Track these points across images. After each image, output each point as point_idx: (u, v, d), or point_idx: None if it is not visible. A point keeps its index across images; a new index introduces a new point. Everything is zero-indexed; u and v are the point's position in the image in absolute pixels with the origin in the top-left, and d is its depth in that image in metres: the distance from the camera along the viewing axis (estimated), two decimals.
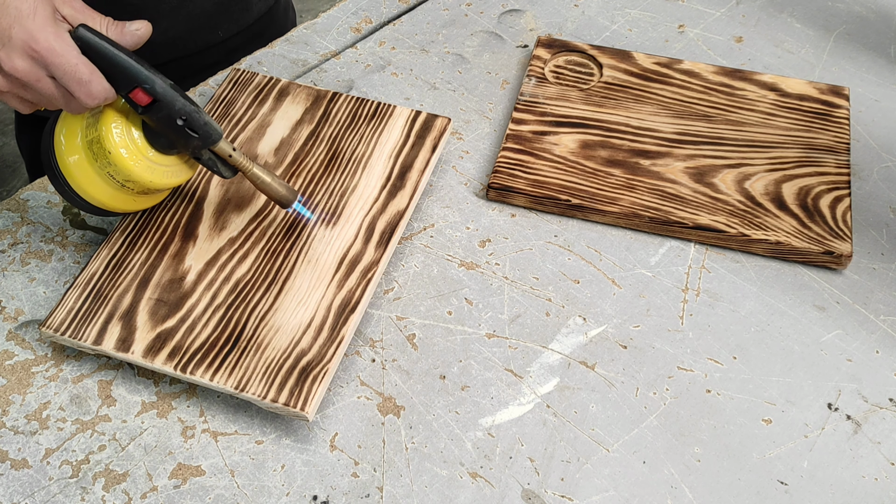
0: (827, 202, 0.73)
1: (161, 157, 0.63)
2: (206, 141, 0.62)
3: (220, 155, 0.64)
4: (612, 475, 0.61)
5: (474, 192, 0.77)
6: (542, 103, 0.81)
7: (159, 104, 0.60)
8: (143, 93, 0.60)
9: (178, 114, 0.61)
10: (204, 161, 0.64)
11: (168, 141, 0.63)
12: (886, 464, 0.61)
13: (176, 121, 0.61)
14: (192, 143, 0.62)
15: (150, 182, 0.63)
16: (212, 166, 0.65)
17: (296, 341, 0.63)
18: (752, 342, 0.68)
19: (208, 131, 0.62)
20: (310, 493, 0.59)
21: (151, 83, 0.59)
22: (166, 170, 0.64)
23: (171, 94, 0.60)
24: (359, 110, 0.78)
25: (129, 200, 0.65)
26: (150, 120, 0.61)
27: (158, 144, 0.63)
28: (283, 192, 0.66)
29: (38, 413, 0.63)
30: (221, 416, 0.63)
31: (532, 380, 0.65)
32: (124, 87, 0.60)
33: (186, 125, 0.61)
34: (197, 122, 0.61)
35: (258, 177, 0.65)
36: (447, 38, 0.90)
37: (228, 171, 0.65)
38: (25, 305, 0.68)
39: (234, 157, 0.64)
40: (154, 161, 0.63)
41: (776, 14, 0.93)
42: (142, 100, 0.60)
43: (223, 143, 0.63)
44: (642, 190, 0.74)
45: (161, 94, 0.60)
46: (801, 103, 0.81)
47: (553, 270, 0.71)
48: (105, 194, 0.64)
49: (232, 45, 0.93)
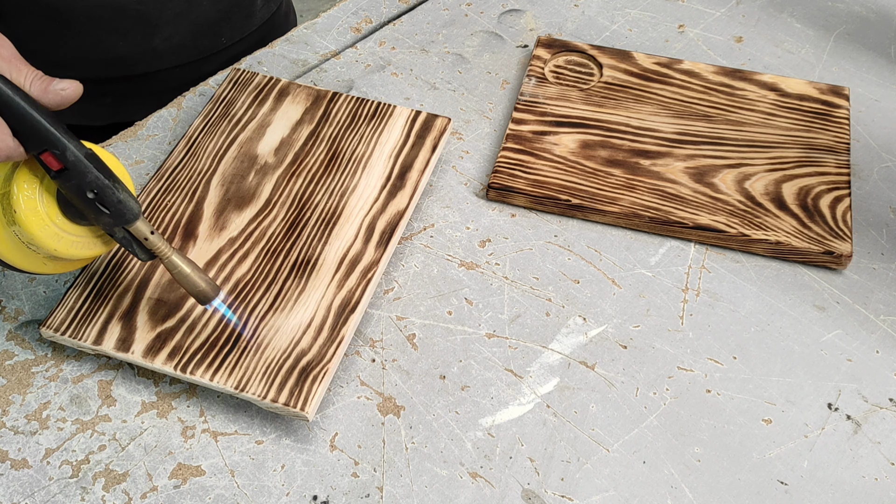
0: (827, 202, 0.73)
1: (71, 227, 0.59)
2: (119, 220, 0.58)
3: (135, 236, 0.59)
4: (612, 475, 0.61)
5: (474, 192, 0.77)
6: (542, 103, 0.81)
7: (69, 172, 0.56)
8: (53, 158, 0.55)
9: (89, 186, 0.56)
10: (118, 239, 0.59)
11: (79, 211, 0.58)
12: (886, 464, 0.61)
13: (86, 193, 0.56)
14: (104, 219, 0.57)
15: (55, 250, 0.58)
16: (127, 245, 0.60)
17: (296, 341, 0.63)
18: (752, 342, 0.68)
19: (122, 210, 0.57)
20: (310, 493, 0.59)
21: (62, 149, 0.55)
22: (75, 240, 0.59)
23: (84, 164, 0.56)
24: (359, 110, 0.78)
25: (37, 263, 0.60)
26: (62, 187, 0.57)
27: (70, 213, 0.58)
28: (203, 286, 0.60)
29: (38, 413, 0.63)
30: (221, 416, 0.63)
31: (532, 380, 0.65)
32: (34, 147, 0.55)
33: (97, 199, 0.56)
34: (109, 199, 0.57)
35: (175, 265, 0.60)
36: (447, 38, 0.90)
37: (144, 254, 0.60)
38: (25, 305, 0.68)
39: (150, 240, 0.59)
40: (62, 229, 0.58)
41: (776, 14, 0.93)
42: (52, 164, 0.56)
43: (140, 224, 0.58)
44: (642, 190, 0.74)
45: (72, 163, 0.55)
46: (801, 103, 0.81)
47: (553, 270, 0.71)
48: (11, 252, 0.59)
49: (235, 51, 0.93)
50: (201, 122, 0.77)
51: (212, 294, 0.61)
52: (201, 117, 0.77)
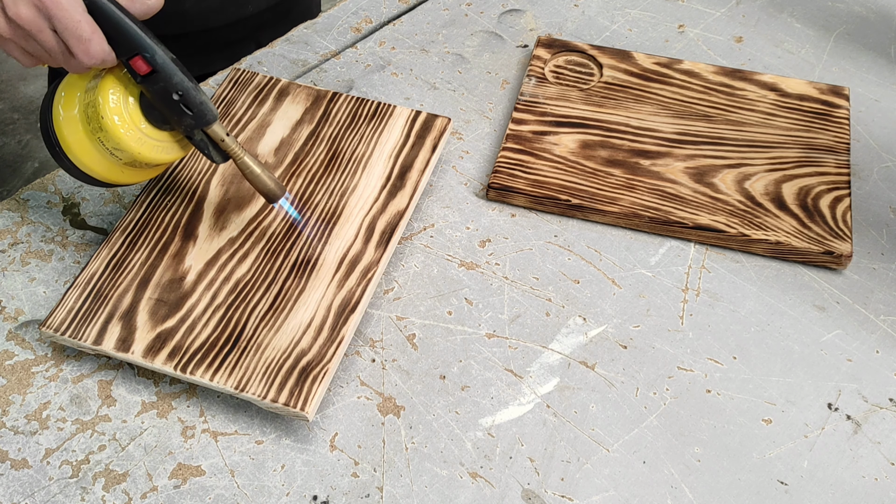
0: (827, 202, 0.73)
1: (154, 131, 0.63)
2: (200, 121, 0.61)
3: (212, 138, 0.63)
4: (612, 475, 0.61)
5: (474, 192, 0.77)
6: (542, 103, 0.81)
7: (157, 75, 0.59)
8: (143, 61, 0.59)
9: (175, 88, 0.60)
10: (196, 142, 0.63)
11: (162, 115, 0.62)
12: (886, 464, 0.61)
13: (172, 95, 0.60)
14: (186, 121, 0.61)
15: (139, 154, 0.62)
16: (203, 148, 0.63)
17: (296, 341, 0.63)
18: (752, 342, 0.68)
19: (203, 111, 0.61)
20: (310, 493, 0.59)
21: (152, 52, 0.59)
22: (157, 144, 0.63)
23: (171, 66, 0.59)
24: (359, 110, 0.78)
25: (116, 171, 0.64)
26: (147, 91, 0.61)
27: (153, 118, 0.62)
28: (272, 185, 0.65)
29: (38, 413, 0.63)
30: (221, 416, 0.63)
31: (532, 380, 0.65)
32: (125, 52, 0.59)
33: (182, 101, 0.60)
34: (193, 100, 0.60)
35: (248, 166, 0.64)
36: (447, 38, 0.90)
37: (219, 156, 0.64)
38: (25, 305, 0.68)
39: (226, 142, 0.63)
40: (146, 134, 0.62)
41: (776, 14, 0.93)
42: (141, 68, 0.59)
43: (217, 127, 0.62)
44: (642, 190, 0.74)
45: (160, 65, 0.59)
46: (801, 103, 0.81)
47: (553, 270, 0.71)
48: (93, 160, 0.63)
49: (260, 20, 0.95)
50: None
51: (279, 193, 0.66)
52: None
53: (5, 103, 1.97)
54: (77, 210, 0.74)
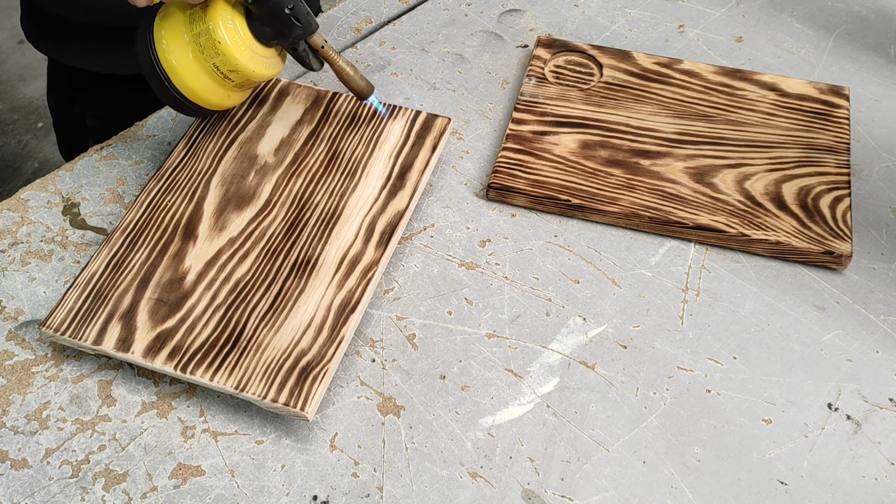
0: (827, 202, 0.73)
1: (262, 49, 0.68)
2: (307, 30, 0.67)
3: (313, 46, 0.69)
4: (612, 475, 0.61)
5: (474, 192, 0.77)
6: (542, 103, 0.81)
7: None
8: None
9: (287, 2, 0.65)
10: (298, 54, 0.70)
11: (271, 31, 0.67)
12: (886, 464, 0.61)
13: (284, 9, 0.66)
14: (295, 33, 0.67)
15: (253, 72, 0.68)
16: (304, 58, 0.70)
17: (296, 341, 0.63)
18: (752, 342, 0.68)
19: (310, 21, 0.67)
20: (310, 493, 0.59)
21: None
22: (265, 61, 0.68)
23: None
24: (359, 110, 0.78)
25: (224, 95, 0.70)
26: (258, 9, 0.66)
27: (262, 35, 0.67)
28: (363, 84, 0.72)
29: (38, 413, 0.63)
30: (221, 416, 0.63)
31: (532, 380, 0.65)
32: None
33: (293, 13, 0.66)
34: (301, 10, 0.66)
35: (343, 69, 0.71)
36: (447, 38, 0.90)
37: (318, 62, 0.71)
38: (25, 305, 0.68)
39: (325, 48, 0.70)
40: (256, 52, 0.68)
41: (776, 14, 0.93)
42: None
43: (317, 35, 0.69)
44: (642, 190, 0.74)
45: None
46: (801, 103, 0.81)
47: (553, 270, 0.71)
48: (204, 87, 0.68)
49: None
50: (201, 122, 0.77)
51: (368, 92, 0.73)
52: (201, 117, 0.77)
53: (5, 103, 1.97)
54: (77, 210, 0.74)
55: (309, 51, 0.70)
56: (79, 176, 0.77)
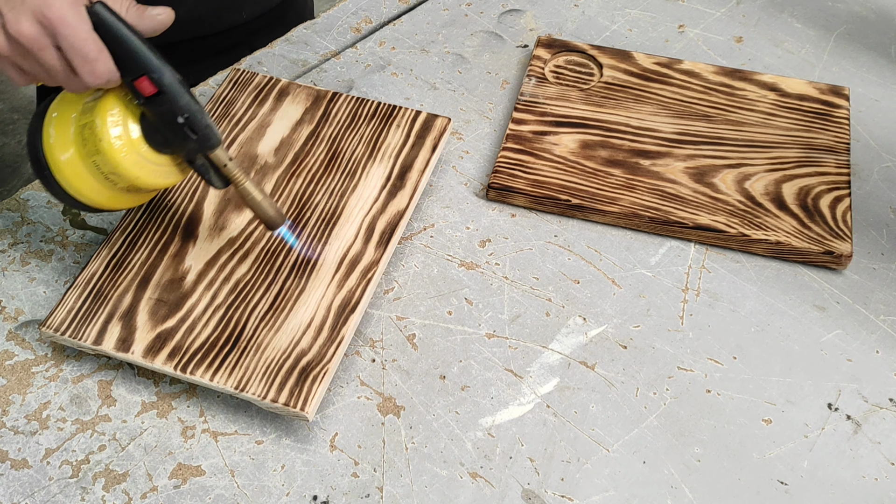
0: (827, 202, 0.73)
1: (153, 155, 0.60)
2: (204, 145, 0.59)
3: (214, 163, 0.61)
4: (612, 475, 0.61)
5: (474, 192, 0.77)
6: (542, 103, 0.81)
7: (163, 97, 0.57)
8: (150, 82, 0.57)
9: (182, 110, 0.57)
10: (197, 166, 0.61)
11: (164, 138, 0.59)
12: (886, 464, 0.61)
13: (177, 118, 0.58)
14: (189, 145, 0.59)
15: (137, 178, 0.60)
16: (204, 173, 0.61)
17: (296, 341, 0.63)
18: (752, 342, 0.68)
19: (208, 134, 0.59)
20: (310, 493, 0.59)
21: (160, 73, 0.56)
22: (156, 169, 0.60)
23: (178, 88, 0.57)
24: (359, 110, 0.78)
25: (109, 196, 0.62)
26: (151, 112, 0.58)
27: (154, 141, 0.60)
28: (273, 213, 0.63)
29: (38, 413, 0.63)
30: (221, 416, 0.63)
31: (532, 380, 0.65)
32: (131, 72, 0.57)
33: (187, 124, 0.58)
34: (198, 123, 0.58)
35: (249, 193, 0.62)
36: (447, 38, 0.90)
37: (220, 181, 0.62)
38: (25, 305, 0.68)
39: (228, 167, 0.61)
40: (145, 157, 0.60)
41: (776, 14, 0.93)
42: (146, 89, 0.57)
43: (220, 151, 0.60)
44: (642, 190, 0.74)
45: (167, 87, 0.57)
46: (802, 103, 0.81)
47: (553, 270, 0.71)
48: (86, 185, 0.60)
49: (254, 26, 0.94)
50: None
51: (279, 221, 0.64)
52: None
53: (5, 103, 1.97)
54: (76, 210, 0.74)
55: (210, 166, 0.61)
56: None
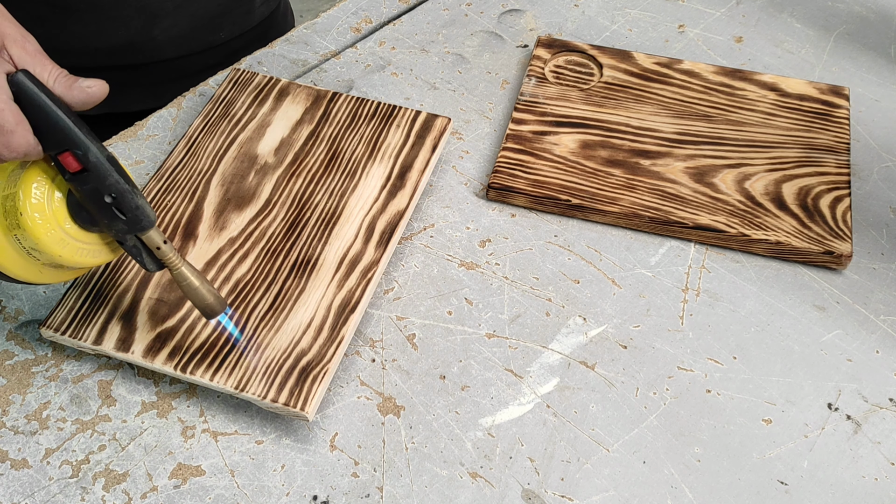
0: (827, 202, 0.73)
1: (79, 233, 0.56)
2: (134, 226, 0.55)
3: (147, 245, 0.57)
4: (612, 475, 0.61)
5: (474, 192, 0.77)
6: (542, 103, 0.81)
7: (88, 174, 0.53)
8: (74, 158, 0.53)
9: (108, 190, 0.54)
10: (127, 247, 0.57)
11: (91, 217, 0.56)
12: (886, 464, 0.61)
13: (104, 197, 0.54)
14: (117, 226, 0.55)
15: (59, 256, 0.56)
16: (136, 255, 0.58)
17: (296, 341, 0.63)
18: (752, 342, 0.68)
19: (138, 216, 0.55)
20: (310, 493, 0.59)
21: (84, 149, 0.53)
22: (82, 247, 0.57)
23: (105, 166, 0.53)
24: (359, 110, 0.78)
25: (33, 271, 0.58)
26: (76, 189, 0.54)
27: (80, 218, 0.56)
28: (211, 300, 0.59)
29: (38, 413, 0.63)
30: (221, 416, 0.63)
31: (532, 380, 0.65)
32: (54, 147, 0.53)
33: (115, 204, 0.54)
34: (128, 204, 0.54)
35: (185, 278, 0.58)
36: (447, 38, 0.90)
37: (154, 263, 0.58)
38: (25, 305, 0.68)
39: (162, 249, 0.57)
40: (70, 235, 0.56)
41: (776, 14, 0.93)
42: (70, 165, 0.53)
43: (154, 233, 0.56)
44: (642, 190, 0.74)
45: (93, 164, 0.53)
46: (801, 103, 0.81)
47: (553, 270, 0.71)
48: (8, 258, 0.56)
49: (234, 46, 0.93)
50: (201, 122, 0.77)
51: (219, 309, 0.60)
52: (201, 117, 0.77)
53: None
54: None
55: (142, 248, 0.57)
56: None
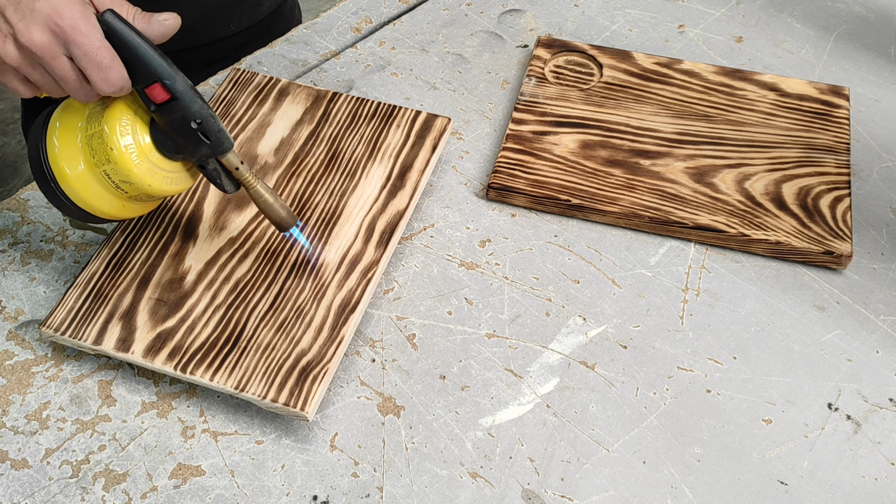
0: (827, 202, 0.73)
1: (164, 162, 0.60)
2: (217, 149, 0.59)
3: (226, 167, 0.61)
4: (612, 475, 0.61)
5: (474, 192, 0.77)
6: (542, 103, 0.81)
7: (176, 103, 0.57)
8: (162, 89, 0.56)
9: (194, 116, 0.57)
10: (208, 171, 0.61)
11: (175, 145, 0.59)
12: (886, 464, 0.61)
13: (190, 123, 0.57)
14: (202, 150, 0.59)
15: (149, 186, 0.59)
16: (215, 178, 0.61)
17: (296, 341, 0.63)
18: (752, 342, 0.68)
19: (221, 139, 0.59)
20: (310, 493, 0.59)
21: (172, 79, 0.56)
22: (167, 176, 0.60)
23: (191, 94, 0.57)
24: (359, 110, 0.78)
25: (118, 205, 0.61)
26: (162, 119, 0.58)
27: (164, 147, 0.59)
28: (284, 214, 0.63)
29: (38, 413, 0.63)
30: (221, 416, 0.63)
31: (532, 380, 0.65)
32: (143, 80, 0.56)
33: (200, 129, 0.58)
34: (211, 128, 0.58)
35: (261, 195, 0.62)
36: (447, 38, 0.90)
37: (231, 184, 0.62)
38: (25, 305, 0.68)
39: (240, 170, 0.61)
40: (157, 164, 0.59)
41: (776, 14, 0.93)
42: (158, 96, 0.57)
43: (232, 155, 0.60)
44: (642, 190, 0.74)
45: (181, 93, 0.57)
46: (801, 103, 0.81)
47: (553, 270, 0.71)
48: (94, 195, 0.60)
49: (241, 39, 0.94)
50: None
51: (290, 222, 0.64)
52: None
53: (5, 103, 1.97)
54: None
55: (221, 171, 0.61)
56: None
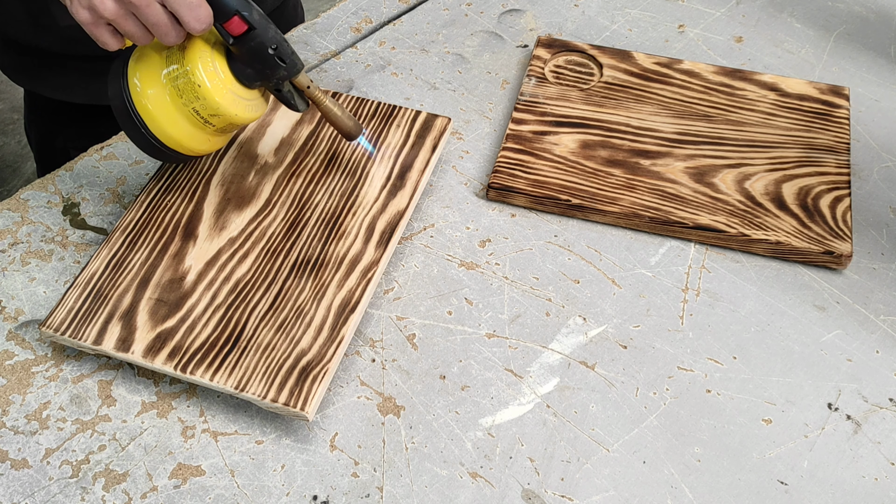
0: (827, 202, 0.73)
1: (244, 91, 0.64)
2: (292, 70, 0.63)
3: (298, 87, 0.65)
4: (612, 475, 0.61)
5: (474, 192, 0.77)
6: (542, 103, 0.81)
7: (253, 32, 0.61)
8: (241, 20, 0.60)
9: (271, 42, 0.61)
10: (283, 94, 0.65)
11: (253, 73, 0.63)
12: (886, 464, 0.61)
13: (267, 49, 0.61)
14: (279, 73, 0.63)
15: (235, 116, 0.64)
16: (289, 99, 0.66)
17: (296, 341, 0.63)
18: (752, 342, 0.68)
19: (294, 61, 0.63)
20: (310, 493, 0.59)
21: (249, 10, 0.60)
22: (248, 103, 0.65)
23: (265, 22, 0.61)
24: (359, 110, 0.78)
25: (204, 140, 0.66)
26: (240, 50, 0.62)
27: (244, 77, 0.63)
28: (351, 125, 0.69)
29: (38, 413, 0.63)
30: (221, 416, 0.63)
31: (532, 380, 0.65)
32: (223, 16, 0.60)
33: (276, 54, 0.62)
34: (286, 52, 0.62)
35: (330, 110, 0.68)
36: (447, 38, 0.90)
37: (303, 103, 0.67)
38: (25, 305, 0.68)
39: (311, 88, 0.66)
40: (238, 94, 0.64)
41: (776, 14, 0.93)
42: (237, 29, 0.60)
43: (303, 75, 0.65)
44: (642, 190, 0.74)
45: (257, 22, 0.60)
46: (802, 103, 0.81)
47: (553, 270, 0.71)
48: (184, 133, 0.64)
49: None
50: None
51: (356, 132, 0.70)
52: None
53: (5, 103, 1.97)
54: (77, 210, 0.74)
55: (294, 91, 0.66)
56: (79, 176, 0.77)
